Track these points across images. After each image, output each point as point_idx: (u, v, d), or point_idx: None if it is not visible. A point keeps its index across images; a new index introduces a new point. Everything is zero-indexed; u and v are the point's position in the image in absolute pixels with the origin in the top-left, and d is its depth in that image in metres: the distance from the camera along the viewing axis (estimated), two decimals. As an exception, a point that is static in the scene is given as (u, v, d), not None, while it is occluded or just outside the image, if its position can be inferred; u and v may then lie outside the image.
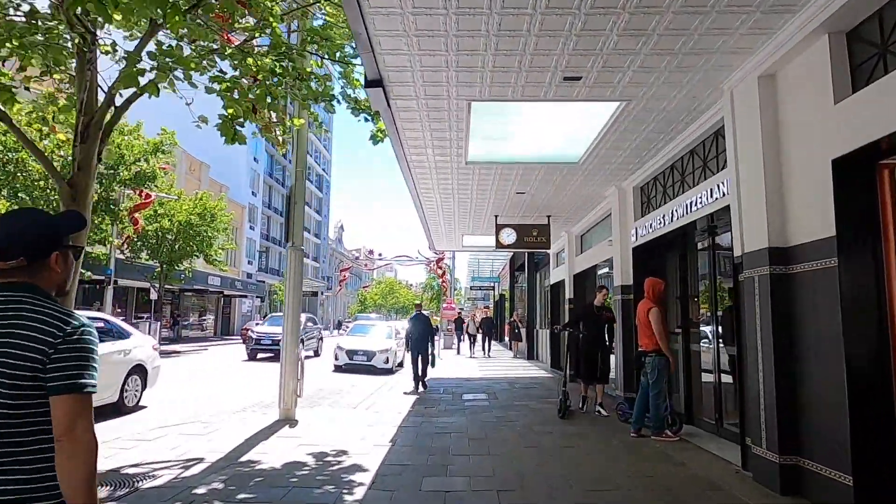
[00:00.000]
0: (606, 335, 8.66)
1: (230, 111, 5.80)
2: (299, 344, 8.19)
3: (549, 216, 11.65)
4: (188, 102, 5.84)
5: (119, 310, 28.52)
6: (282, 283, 47.01)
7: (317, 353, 22.43)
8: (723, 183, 5.99)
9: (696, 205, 6.74)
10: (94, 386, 1.45)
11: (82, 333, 1.45)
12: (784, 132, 4.87)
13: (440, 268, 40.60)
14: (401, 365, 18.89)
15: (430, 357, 12.02)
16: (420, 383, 11.81)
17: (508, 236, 11.51)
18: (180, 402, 9.89)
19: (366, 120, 8.46)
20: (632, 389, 8.76)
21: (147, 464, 5.41)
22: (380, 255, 57.97)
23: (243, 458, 5.70)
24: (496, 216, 11.69)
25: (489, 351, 22.52)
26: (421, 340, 11.93)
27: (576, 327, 8.58)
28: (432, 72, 5.25)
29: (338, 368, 16.75)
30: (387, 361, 16.65)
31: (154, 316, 25.24)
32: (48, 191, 15.26)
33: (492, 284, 35.81)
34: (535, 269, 21.70)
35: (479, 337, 23.36)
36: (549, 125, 6.82)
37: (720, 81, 5.50)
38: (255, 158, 49.49)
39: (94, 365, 1.47)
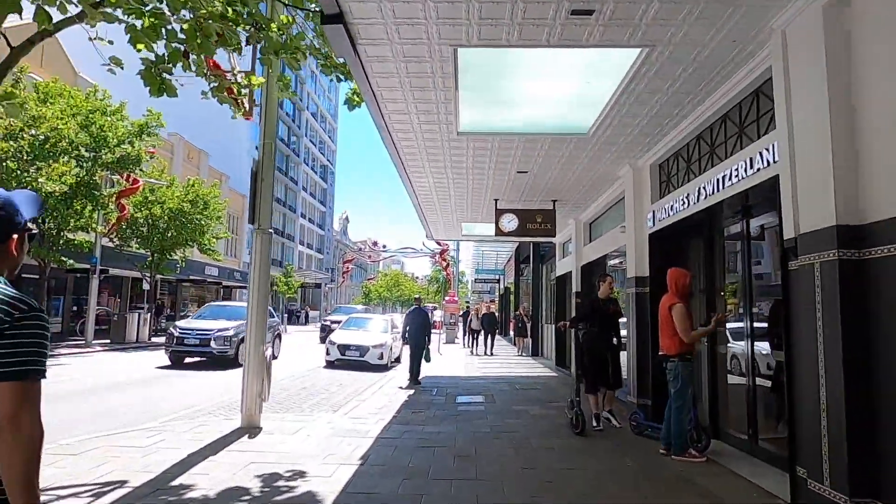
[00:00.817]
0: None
1: (167, 51, 4.73)
2: (267, 340, 7.16)
3: (554, 201, 10.54)
4: (92, 38, 4.76)
5: (117, 300, 27.72)
6: (281, 273, 46.20)
7: (272, 356, 18.91)
8: (767, 150, 4.86)
9: (728, 180, 5.62)
10: (43, 373, 1.39)
11: (33, 318, 1.39)
12: (858, 77, 3.75)
13: (444, 259, 39.60)
14: (398, 360, 17.90)
15: (425, 352, 12.04)
16: (414, 379, 11.77)
17: (510, 223, 10.41)
18: (140, 402, 8.92)
19: (338, 80, 7.41)
20: (646, 395, 7.68)
21: (52, 489, 4.39)
22: (384, 246, 56.95)
23: (175, 482, 4.67)
24: (496, 200, 10.59)
25: (492, 348, 20.73)
26: (418, 335, 11.97)
27: (585, 323, 7.40)
28: (405, 3, 4.16)
29: (329, 364, 15.75)
30: (381, 357, 15.64)
31: (147, 307, 24.36)
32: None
33: (497, 277, 34.67)
34: (540, 261, 20.61)
35: (482, 333, 21.43)
36: (553, 84, 5.71)
37: (768, 19, 4.38)
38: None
39: (45, 351, 1.40)
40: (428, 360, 12.20)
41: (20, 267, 1.59)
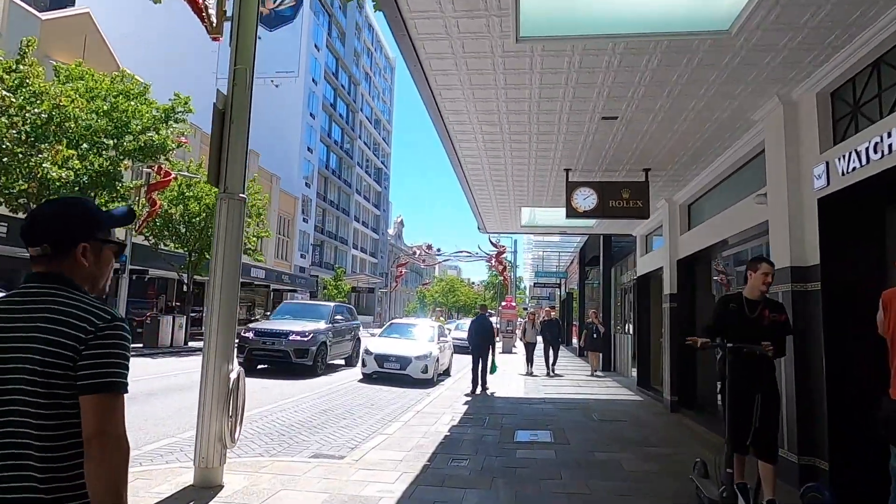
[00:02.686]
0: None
1: None
2: (235, 351, 4.90)
3: (646, 170, 7.83)
4: None
5: (159, 301, 26.76)
6: (331, 277, 44.87)
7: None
8: None
9: None
10: (125, 385, 1.36)
11: (115, 329, 1.37)
12: None
13: (500, 262, 36.95)
14: (447, 373, 15.51)
15: (490, 362, 11.91)
16: (479, 387, 11.46)
17: (586, 200, 7.79)
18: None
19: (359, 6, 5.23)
20: (812, 451, 4.90)
21: None
22: (438, 250, 54.90)
23: None
24: (567, 171, 8.00)
25: (554, 366, 15.50)
26: (481, 344, 11.83)
27: (723, 340, 4.47)
28: None
29: (366, 378, 13.53)
30: (425, 370, 13.26)
31: (177, 308, 23.09)
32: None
33: (557, 281, 31.67)
34: (610, 261, 17.73)
35: (542, 347, 16.36)
36: None
37: None
38: (308, 148, 47.67)
39: (126, 363, 1.38)
40: (493, 371, 12.15)
41: (106, 280, 1.55)
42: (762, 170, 6.13)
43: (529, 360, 15.88)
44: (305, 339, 13.48)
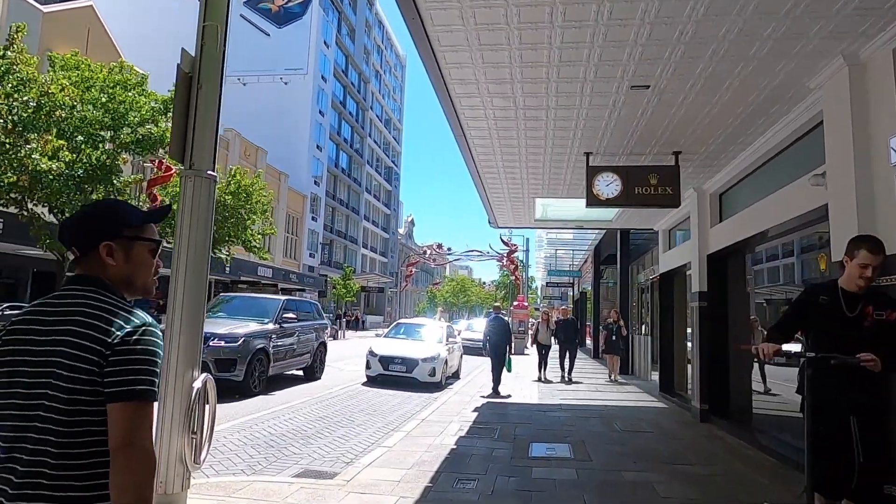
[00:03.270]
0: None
1: None
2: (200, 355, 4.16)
3: (677, 153, 7.01)
4: None
5: (158, 301, 26.24)
6: (340, 277, 44.27)
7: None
8: None
9: None
10: (155, 393, 1.31)
11: (144, 333, 1.33)
12: None
13: (511, 262, 36.09)
14: (456, 376, 14.77)
15: (507, 361, 11.68)
16: (496, 390, 11.21)
17: (609, 186, 6.99)
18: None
19: None
20: None
21: None
22: (448, 249, 54.14)
23: None
24: (588, 155, 7.20)
25: (570, 371, 13.98)
26: (499, 344, 11.72)
27: (815, 345, 3.15)
28: None
29: (371, 381, 12.82)
30: (433, 373, 12.52)
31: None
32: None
33: (570, 280, 30.74)
34: (628, 258, 16.87)
35: (558, 350, 15.03)
36: None
37: None
38: (318, 146, 47.13)
39: (156, 370, 1.33)
40: (509, 369, 11.82)
41: (146, 280, 1.50)
42: (815, 148, 5.31)
43: (543, 363, 14.19)
44: (234, 344, 9.54)
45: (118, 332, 1.29)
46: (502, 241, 33.97)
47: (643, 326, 15.76)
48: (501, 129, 6.62)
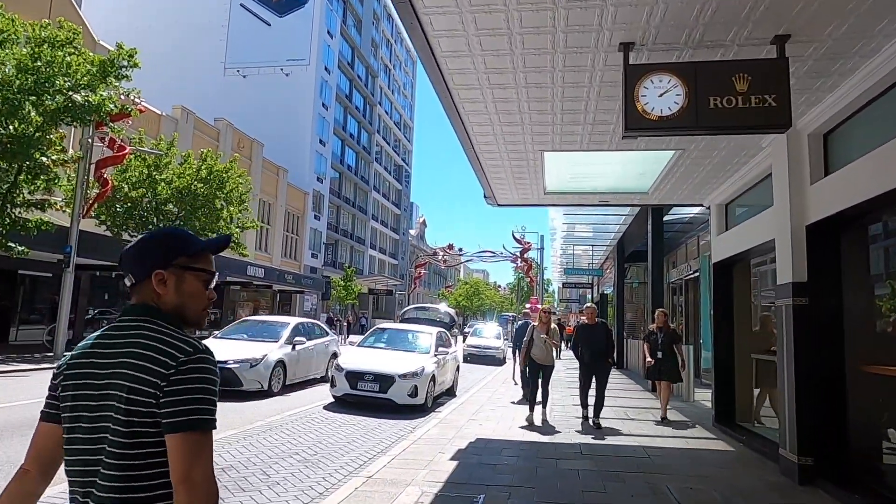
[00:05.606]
0: None
1: None
2: None
3: (783, 38, 4.10)
4: None
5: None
6: (341, 277, 41.63)
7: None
8: None
9: None
10: (213, 422, 1.28)
11: (199, 361, 1.30)
12: None
13: (525, 261, 33.17)
14: (450, 393, 11.96)
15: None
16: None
17: (663, 95, 4.09)
18: None
19: None
20: None
21: None
22: (460, 250, 51.32)
23: None
24: (626, 47, 4.30)
25: (599, 409, 8.43)
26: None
27: None
28: None
29: (337, 402, 10.06)
30: (414, 393, 9.68)
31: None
32: None
33: (589, 280, 27.60)
34: (660, 250, 13.88)
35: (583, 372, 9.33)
36: None
37: None
38: (321, 141, 44.63)
39: (213, 398, 1.30)
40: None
41: (198, 312, 1.45)
42: None
43: (534, 396, 8.46)
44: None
45: (173, 363, 1.26)
46: (514, 238, 31.16)
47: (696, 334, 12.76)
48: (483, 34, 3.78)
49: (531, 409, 8.46)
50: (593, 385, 8.55)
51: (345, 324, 36.22)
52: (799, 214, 5.66)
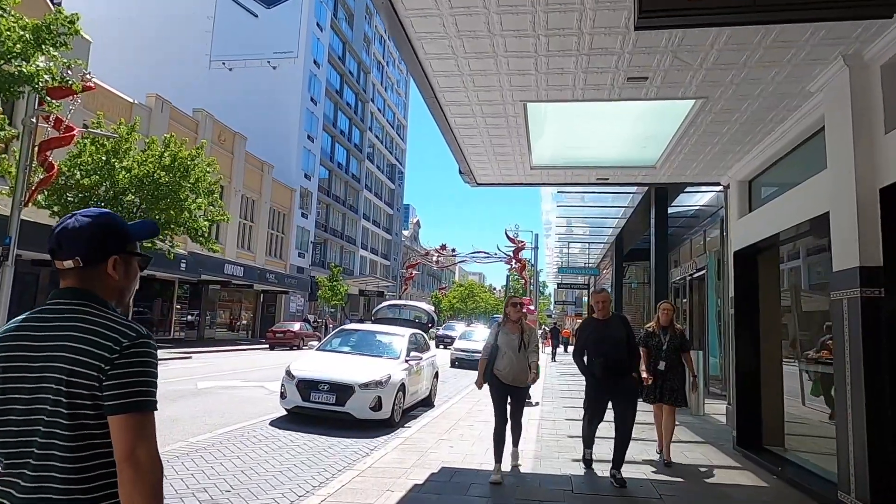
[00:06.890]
0: None
1: None
2: None
3: None
4: None
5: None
6: (326, 277, 40.05)
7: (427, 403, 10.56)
8: None
9: None
10: (154, 403, 1.30)
11: (142, 346, 1.31)
12: None
13: (518, 261, 31.64)
14: (426, 403, 10.49)
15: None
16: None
17: None
18: None
19: None
20: None
21: None
22: (453, 250, 49.68)
23: None
24: None
25: (621, 458, 5.36)
26: None
27: None
28: None
29: (289, 415, 8.57)
30: (377, 406, 8.17)
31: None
32: None
33: (585, 279, 26.09)
34: (665, 242, 12.43)
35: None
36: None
37: None
38: (309, 136, 43.10)
39: (154, 381, 1.32)
40: None
41: (131, 294, 1.49)
42: None
43: (494, 435, 5.53)
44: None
45: (117, 347, 1.27)
46: (507, 236, 29.54)
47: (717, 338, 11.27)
48: None
49: (496, 458, 5.40)
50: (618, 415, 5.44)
51: (330, 326, 34.59)
52: (868, 176, 4.17)
